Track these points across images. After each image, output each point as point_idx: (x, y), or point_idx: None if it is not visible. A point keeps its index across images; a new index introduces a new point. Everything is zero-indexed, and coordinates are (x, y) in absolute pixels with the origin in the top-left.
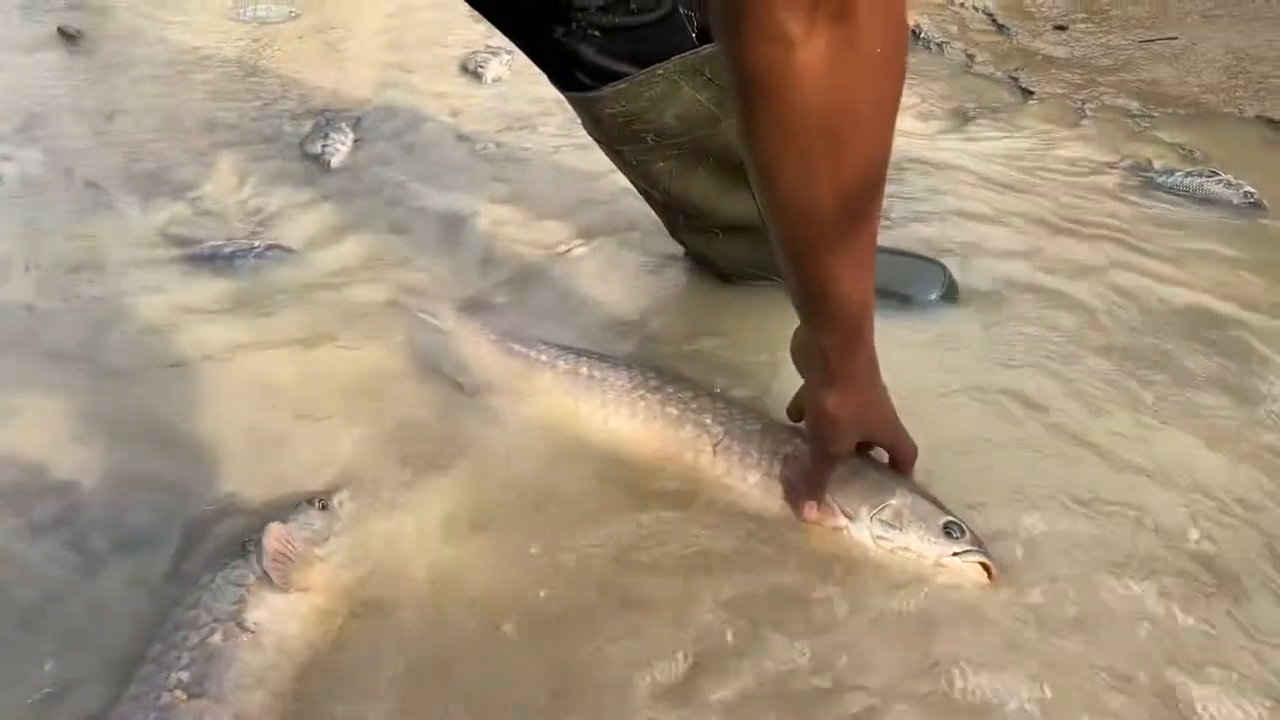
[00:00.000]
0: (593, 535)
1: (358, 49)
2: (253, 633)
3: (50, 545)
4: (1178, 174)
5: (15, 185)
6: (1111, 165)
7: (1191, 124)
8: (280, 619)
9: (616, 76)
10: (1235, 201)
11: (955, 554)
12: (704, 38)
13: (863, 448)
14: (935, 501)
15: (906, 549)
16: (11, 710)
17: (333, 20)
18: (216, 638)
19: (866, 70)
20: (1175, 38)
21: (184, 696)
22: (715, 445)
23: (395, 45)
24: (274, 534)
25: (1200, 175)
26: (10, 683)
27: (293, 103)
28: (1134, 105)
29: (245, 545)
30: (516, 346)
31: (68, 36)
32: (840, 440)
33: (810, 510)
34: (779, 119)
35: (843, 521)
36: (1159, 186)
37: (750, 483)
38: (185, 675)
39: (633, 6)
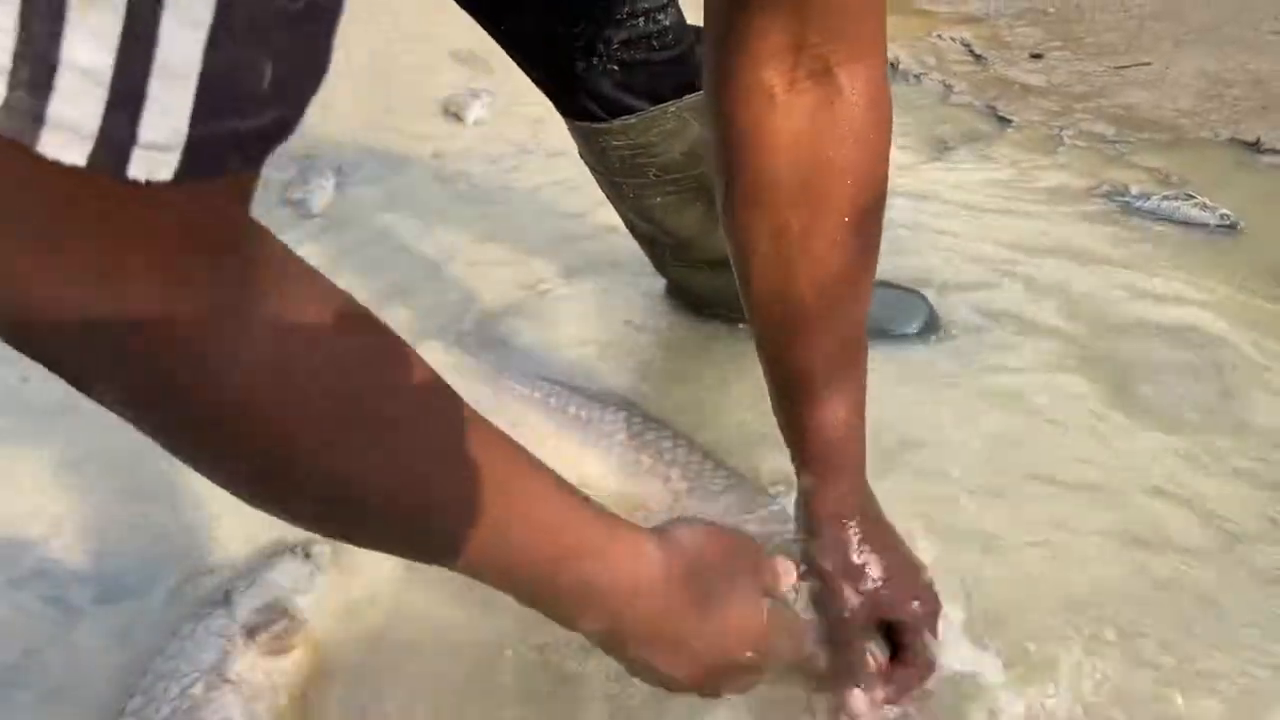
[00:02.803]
0: None
1: (339, 93)
2: (234, 683)
3: (29, 598)
4: (1154, 198)
5: None
6: (1089, 191)
7: (1167, 148)
8: (261, 669)
9: (628, 111)
10: (1211, 223)
11: None
12: None
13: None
14: None
15: None
16: None
17: None
18: (198, 689)
19: (847, 135)
20: (1149, 63)
21: None
22: (673, 503)
23: (377, 89)
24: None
25: (1176, 198)
26: None
27: None
28: (1110, 131)
29: (227, 595)
30: (510, 381)
31: None
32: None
33: (855, 701)
34: (755, 186)
35: None
36: (1136, 211)
37: None
38: None
39: (654, 43)
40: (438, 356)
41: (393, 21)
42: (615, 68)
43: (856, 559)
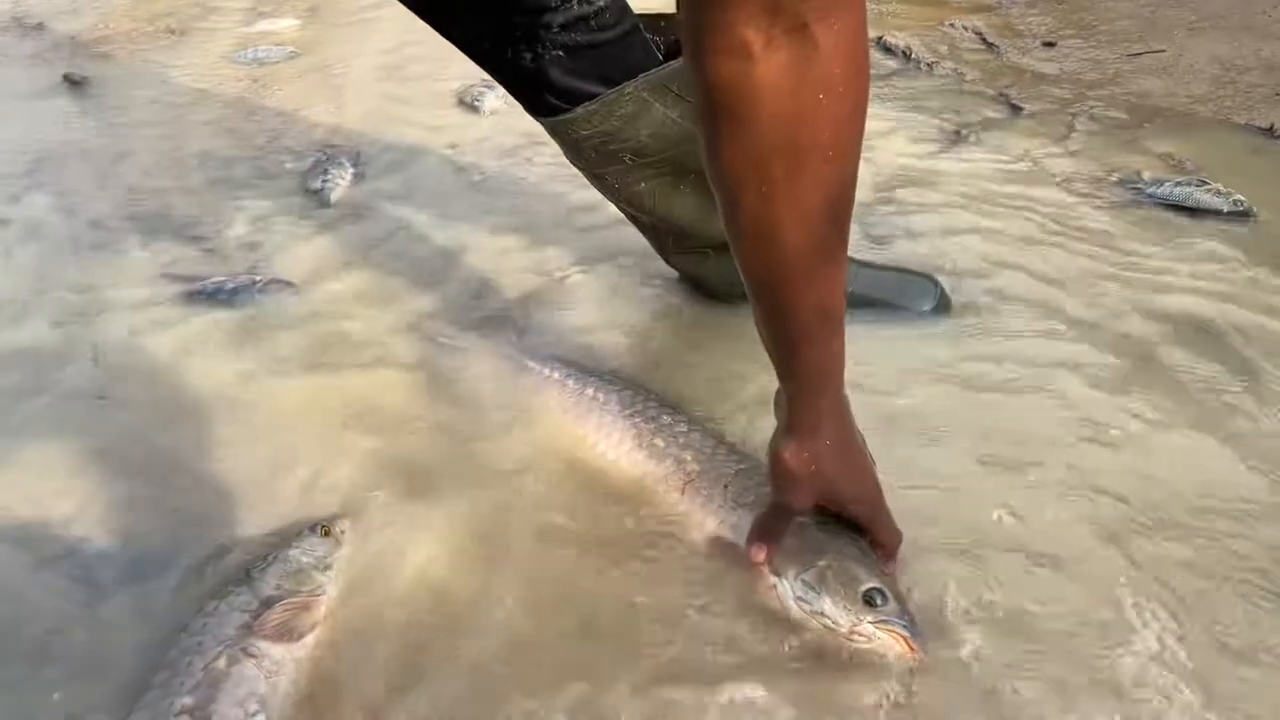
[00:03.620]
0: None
1: (356, 86)
2: (256, 658)
3: (56, 578)
4: (1167, 184)
5: (22, 229)
6: (1102, 178)
7: (1180, 134)
8: (282, 644)
9: (586, 97)
10: (1225, 209)
11: (873, 622)
12: (671, 57)
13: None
14: (870, 566)
15: (822, 614)
16: None
17: (330, 58)
18: (221, 663)
19: (825, 86)
20: (1162, 50)
21: None
22: (686, 485)
23: (392, 81)
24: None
25: (1190, 185)
26: (19, 715)
27: (292, 140)
28: (1123, 118)
29: (249, 572)
30: (530, 363)
31: (73, 83)
32: (794, 493)
33: (755, 551)
34: (738, 136)
35: (773, 579)
36: (1149, 197)
37: (707, 528)
38: (190, 700)
39: (593, 24)
40: (457, 341)
41: (407, 13)
42: (560, 54)
43: (808, 456)
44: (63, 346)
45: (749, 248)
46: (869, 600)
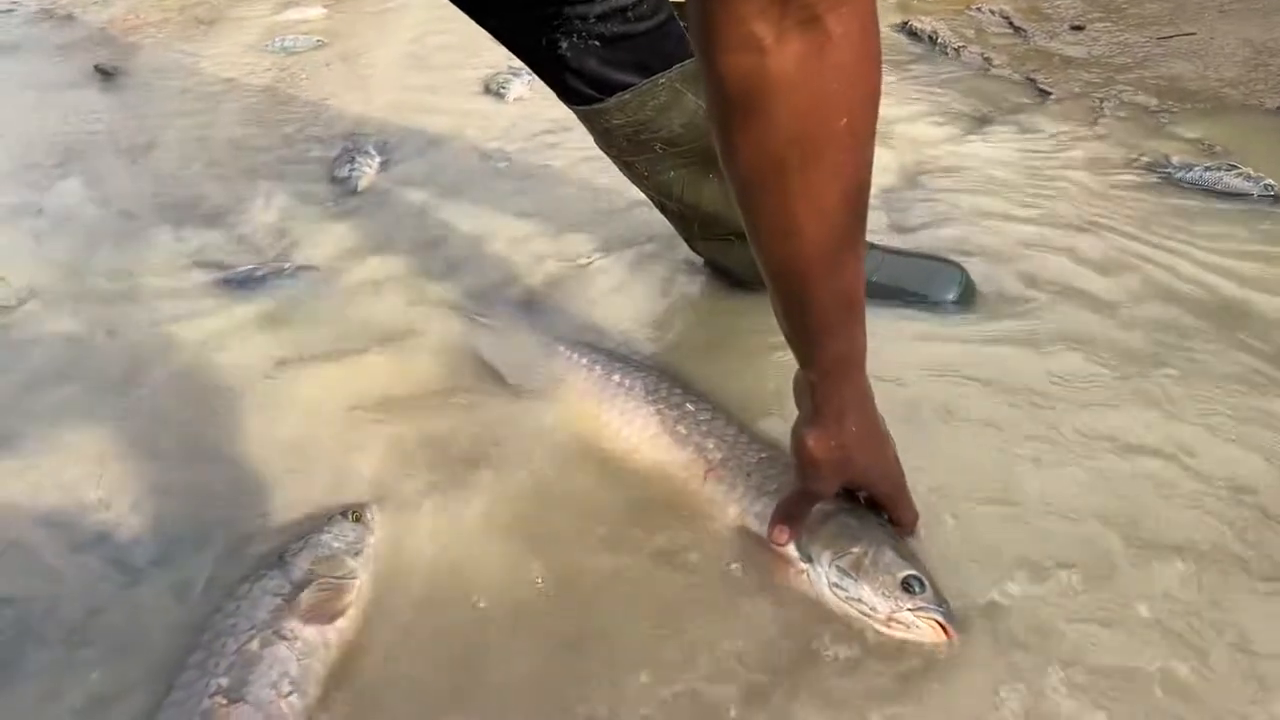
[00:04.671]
0: (589, 559)
1: (382, 74)
2: (288, 640)
3: (92, 561)
4: (1197, 168)
5: (55, 217)
6: (1130, 162)
7: (1211, 118)
8: (314, 627)
9: (621, 87)
10: (1255, 194)
11: (911, 610)
12: None
13: (860, 496)
14: (904, 553)
15: (860, 600)
16: (63, 718)
17: (357, 47)
18: (254, 644)
19: (839, 79)
20: (1193, 33)
21: (224, 701)
22: (708, 472)
23: (419, 69)
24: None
25: (1220, 169)
26: (60, 693)
27: (320, 128)
28: (1153, 102)
29: (281, 556)
30: (560, 347)
31: (104, 73)
32: (820, 480)
33: (779, 533)
34: (753, 130)
35: (803, 565)
36: (1178, 182)
37: (730, 515)
38: (225, 680)
39: (630, 15)
40: (484, 326)
41: (433, 1)
42: (597, 44)
43: (834, 444)
44: (95, 334)
45: (768, 241)
46: (907, 587)
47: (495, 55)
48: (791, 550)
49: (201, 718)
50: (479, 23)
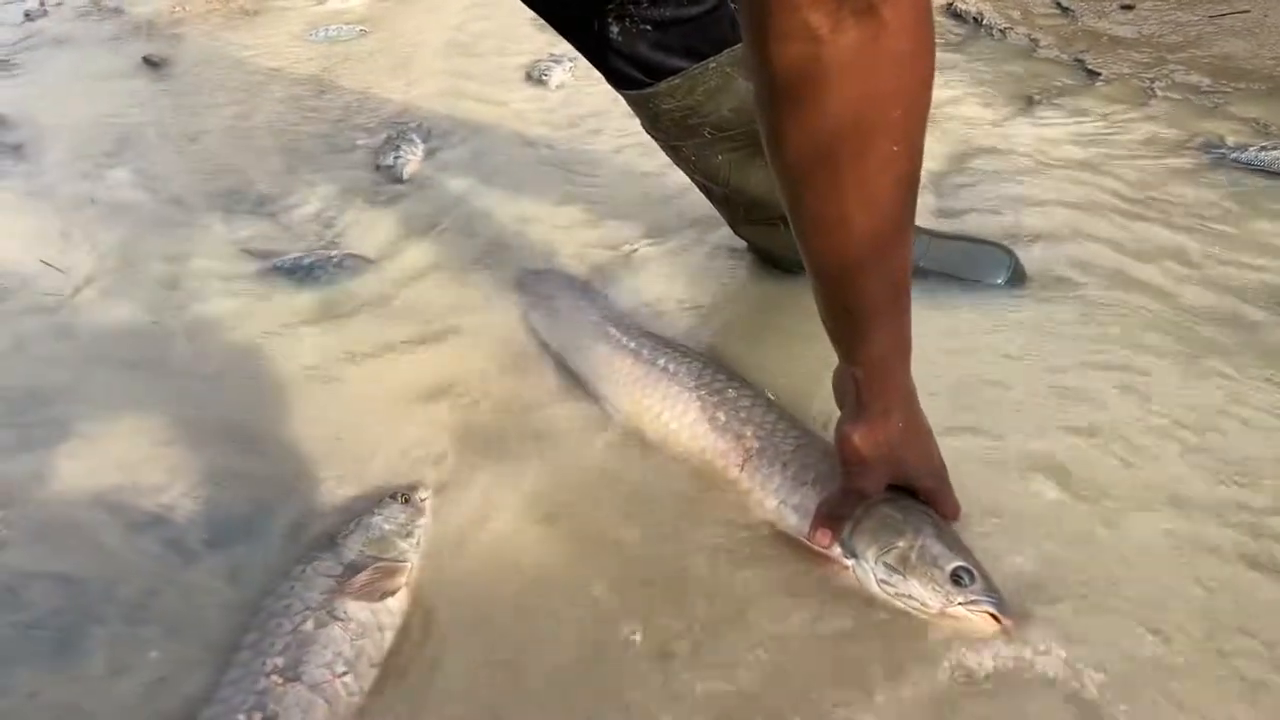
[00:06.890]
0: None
1: (426, 62)
2: (342, 621)
3: (149, 543)
4: (1252, 149)
5: (106, 206)
6: (1183, 144)
7: (1266, 98)
8: (367, 609)
9: (671, 71)
10: None
11: (962, 603)
12: None
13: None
14: (950, 543)
15: (909, 596)
16: (125, 695)
17: (400, 36)
18: (308, 625)
19: (894, 67)
20: (1247, 10)
21: (280, 680)
22: (745, 461)
23: (462, 57)
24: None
25: (1276, 149)
26: (121, 670)
27: (364, 117)
28: (1205, 82)
29: (333, 539)
30: (611, 330)
31: (152, 64)
32: (866, 478)
33: (821, 536)
34: (804, 120)
35: (848, 561)
36: (1233, 163)
37: (767, 507)
38: (280, 660)
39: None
40: (534, 303)
41: None
42: (648, 28)
43: (882, 439)
44: (148, 321)
45: (814, 233)
46: (957, 579)
47: (537, 42)
48: (835, 548)
49: (259, 696)
50: (530, 5)
